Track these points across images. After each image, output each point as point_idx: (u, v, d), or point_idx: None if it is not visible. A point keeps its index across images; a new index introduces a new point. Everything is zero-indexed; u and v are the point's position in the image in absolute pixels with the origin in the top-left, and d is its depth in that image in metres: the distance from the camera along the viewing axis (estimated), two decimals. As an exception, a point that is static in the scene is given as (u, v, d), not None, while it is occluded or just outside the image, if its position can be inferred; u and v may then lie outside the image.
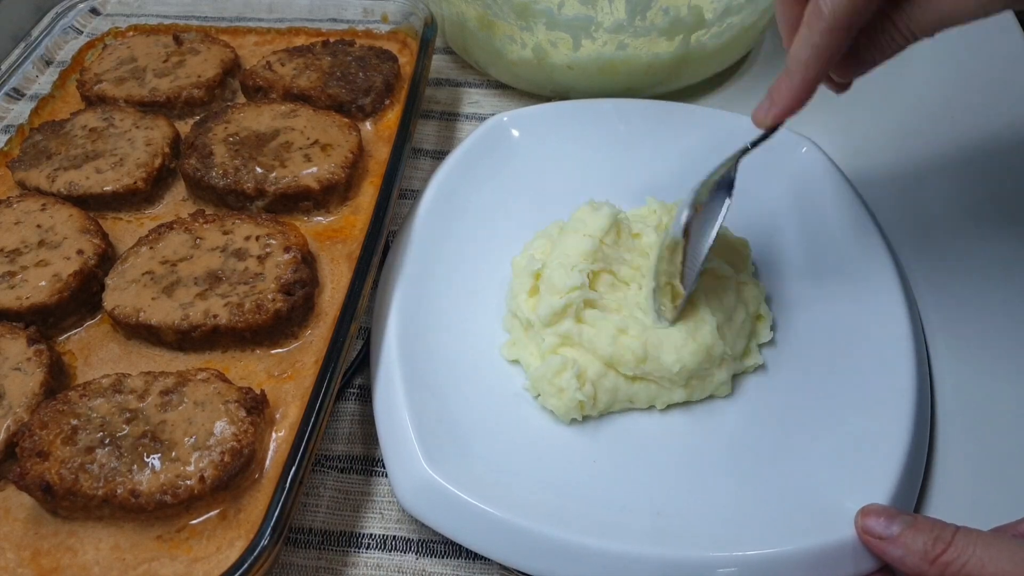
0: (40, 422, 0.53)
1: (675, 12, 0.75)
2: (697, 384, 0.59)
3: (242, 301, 0.59)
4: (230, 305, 0.59)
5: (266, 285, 0.60)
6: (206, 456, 0.51)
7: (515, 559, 0.51)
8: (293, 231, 0.64)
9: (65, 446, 0.51)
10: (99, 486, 0.50)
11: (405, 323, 0.62)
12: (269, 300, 0.59)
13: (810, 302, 0.65)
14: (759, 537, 0.51)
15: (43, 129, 0.75)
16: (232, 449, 0.51)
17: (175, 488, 0.50)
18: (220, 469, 0.50)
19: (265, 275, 0.61)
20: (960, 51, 0.89)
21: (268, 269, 0.61)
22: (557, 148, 0.76)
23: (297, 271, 0.61)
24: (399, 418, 0.56)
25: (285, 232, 0.64)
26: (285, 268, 0.61)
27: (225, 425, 0.52)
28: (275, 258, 0.62)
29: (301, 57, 0.80)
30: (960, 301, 0.68)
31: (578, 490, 0.55)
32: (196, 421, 0.52)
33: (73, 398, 0.54)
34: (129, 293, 0.60)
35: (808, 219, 0.70)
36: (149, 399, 0.54)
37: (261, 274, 0.61)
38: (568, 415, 0.58)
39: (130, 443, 0.52)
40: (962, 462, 0.58)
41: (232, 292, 0.60)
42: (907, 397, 0.56)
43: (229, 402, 0.53)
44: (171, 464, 0.51)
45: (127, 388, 0.55)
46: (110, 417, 0.53)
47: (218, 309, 0.59)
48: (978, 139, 0.81)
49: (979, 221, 0.74)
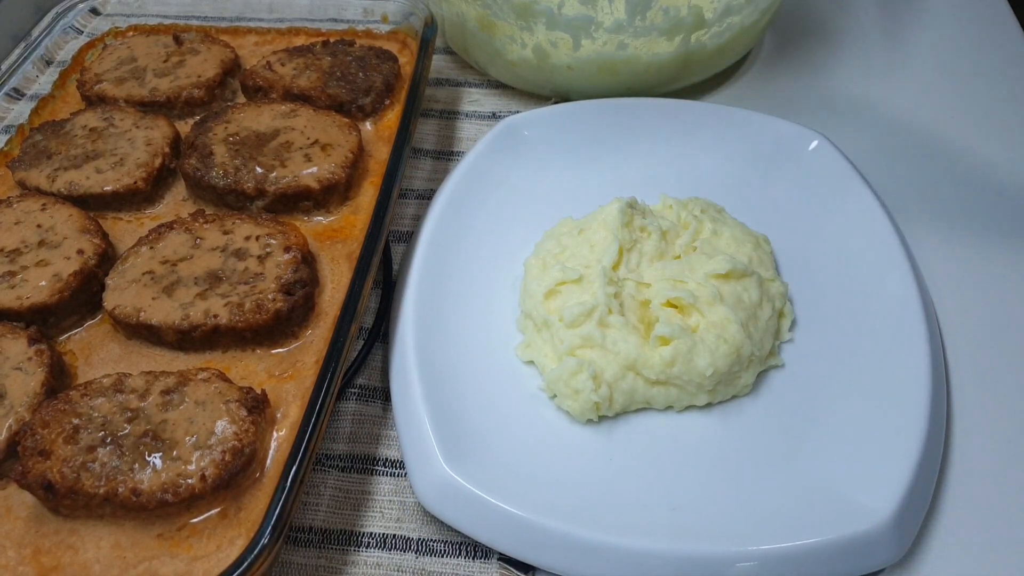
0: (42, 421, 0.53)
1: (675, 12, 0.76)
2: (722, 389, 0.59)
3: (242, 301, 0.59)
4: (230, 305, 0.59)
5: (266, 285, 0.60)
6: (207, 455, 0.51)
7: (534, 556, 0.52)
8: (293, 231, 0.64)
9: (67, 445, 0.51)
10: (100, 485, 0.50)
11: (421, 324, 0.62)
12: (269, 300, 0.59)
13: (825, 298, 0.65)
14: (775, 532, 0.51)
15: (43, 129, 0.75)
16: (233, 448, 0.51)
17: (176, 487, 0.50)
18: (221, 468, 0.51)
19: (265, 275, 0.61)
20: (970, 44, 0.89)
21: (268, 269, 0.61)
22: (569, 148, 0.76)
23: (297, 271, 0.61)
24: (418, 418, 0.56)
25: (285, 232, 0.64)
26: (285, 268, 0.61)
27: (226, 424, 0.52)
28: (275, 258, 0.62)
29: (301, 57, 0.80)
30: (977, 298, 0.68)
31: (595, 487, 0.55)
32: (197, 420, 0.53)
33: (74, 397, 0.54)
34: (129, 293, 0.60)
35: (822, 215, 0.70)
36: (150, 399, 0.54)
37: (261, 274, 0.61)
38: (584, 416, 0.58)
39: (131, 442, 0.52)
40: (978, 458, 0.58)
41: (232, 292, 0.60)
42: (923, 393, 0.56)
43: (230, 401, 0.53)
44: (172, 463, 0.51)
45: (128, 388, 0.55)
46: (111, 416, 0.53)
47: (218, 309, 0.59)
48: (994, 134, 0.81)
49: (996, 217, 0.74)
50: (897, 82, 0.86)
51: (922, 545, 0.55)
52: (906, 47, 0.89)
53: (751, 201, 0.72)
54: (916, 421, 0.55)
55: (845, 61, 0.90)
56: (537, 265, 0.66)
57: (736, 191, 0.73)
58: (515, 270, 0.68)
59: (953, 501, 0.56)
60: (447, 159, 0.82)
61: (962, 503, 0.56)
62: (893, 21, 0.94)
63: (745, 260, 0.64)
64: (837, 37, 0.93)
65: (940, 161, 0.79)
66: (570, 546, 0.51)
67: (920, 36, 0.91)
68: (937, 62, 0.88)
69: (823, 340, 0.63)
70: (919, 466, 0.53)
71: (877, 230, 0.66)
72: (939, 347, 0.61)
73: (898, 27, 0.93)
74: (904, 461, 0.53)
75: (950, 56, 0.89)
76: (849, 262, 0.66)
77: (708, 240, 0.65)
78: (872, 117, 0.83)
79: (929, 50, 0.90)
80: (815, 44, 0.92)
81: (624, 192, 0.69)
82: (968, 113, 0.83)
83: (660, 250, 0.64)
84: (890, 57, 0.89)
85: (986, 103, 0.84)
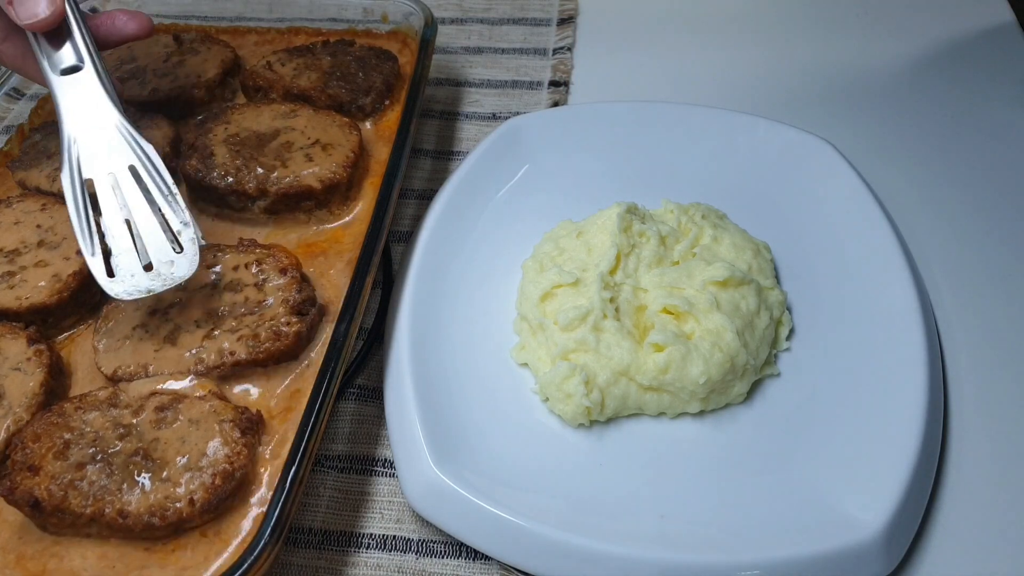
0: (33, 434, 0.52)
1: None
2: (715, 397, 0.59)
3: (256, 331, 0.57)
4: (244, 338, 0.57)
5: (275, 310, 0.59)
6: (197, 478, 0.50)
7: (520, 560, 0.51)
8: (282, 251, 0.63)
9: (56, 461, 0.51)
10: (87, 504, 0.49)
11: (417, 324, 0.62)
12: (284, 324, 0.58)
13: (824, 308, 0.64)
14: (763, 542, 0.51)
15: (43, 129, 0.75)
16: (224, 471, 0.50)
17: (164, 510, 0.49)
18: (211, 492, 0.50)
19: (271, 300, 0.59)
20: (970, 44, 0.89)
21: (271, 293, 0.60)
22: (570, 151, 0.76)
23: (302, 290, 0.60)
24: (409, 419, 0.56)
25: (275, 254, 0.62)
26: (289, 289, 0.60)
27: (218, 446, 0.51)
28: (273, 282, 0.60)
29: (301, 57, 0.80)
30: (980, 306, 0.67)
31: (584, 492, 0.55)
32: (189, 440, 0.52)
33: (68, 410, 0.53)
34: (126, 352, 0.58)
35: (824, 223, 0.69)
36: (144, 415, 0.53)
37: (264, 301, 0.59)
38: (575, 420, 0.58)
39: (122, 460, 0.51)
40: (974, 473, 0.58)
41: (241, 325, 0.58)
42: (918, 407, 0.55)
43: (224, 421, 0.52)
44: (161, 484, 0.50)
45: (122, 402, 0.54)
46: (103, 432, 0.52)
47: (234, 345, 0.57)
48: (996, 138, 0.80)
49: (1000, 223, 0.73)
50: (897, 82, 0.86)
51: (913, 559, 0.54)
52: (906, 47, 0.89)
53: (753, 207, 0.71)
54: (910, 435, 0.54)
55: (846, 61, 0.90)
56: (534, 267, 0.65)
57: (738, 196, 0.72)
58: (513, 272, 0.68)
59: (946, 515, 0.56)
60: (447, 159, 0.82)
61: (956, 518, 0.56)
62: (893, 21, 0.93)
63: (744, 267, 0.63)
64: (837, 37, 0.93)
65: (941, 162, 0.78)
66: (555, 551, 0.50)
67: (920, 36, 0.91)
68: (938, 62, 0.88)
69: (820, 350, 0.62)
70: (912, 479, 0.52)
71: (880, 240, 0.66)
72: (938, 361, 0.60)
73: (898, 27, 0.93)
74: (897, 474, 0.52)
75: (950, 56, 0.89)
76: (850, 272, 0.65)
77: (708, 246, 0.65)
78: (873, 118, 0.83)
79: (929, 50, 0.90)
80: (815, 44, 0.92)
81: (625, 195, 0.69)
82: (968, 113, 0.83)
83: (659, 255, 0.64)
84: (891, 57, 0.89)
85: (987, 103, 0.83)
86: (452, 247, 0.68)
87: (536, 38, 0.94)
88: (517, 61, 0.92)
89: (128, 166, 0.56)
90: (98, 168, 0.56)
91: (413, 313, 0.62)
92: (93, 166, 0.56)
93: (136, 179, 0.56)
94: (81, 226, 0.55)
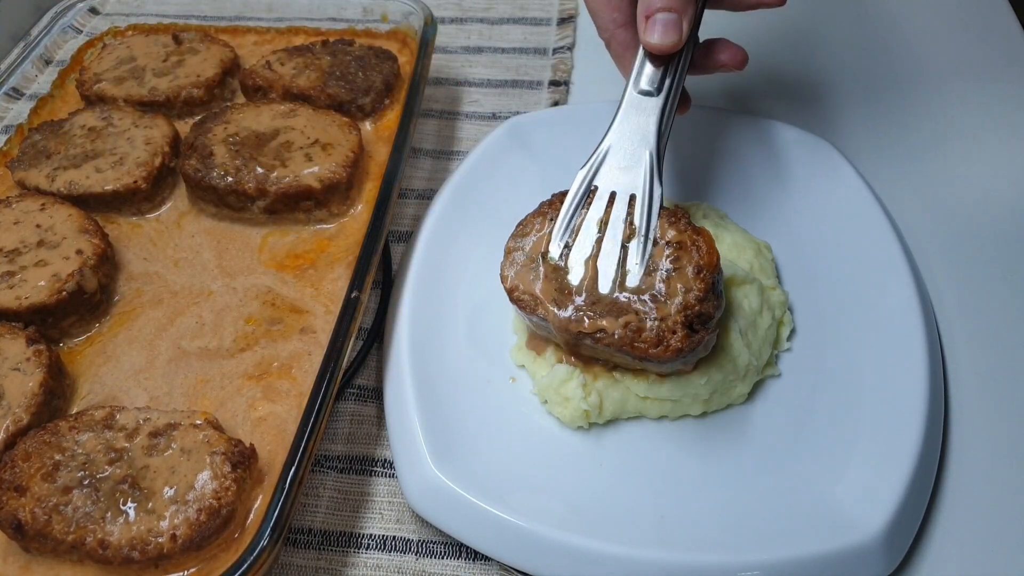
0: (24, 453, 0.52)
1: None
2: (717, 398, 0.59)
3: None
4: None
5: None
6: (182, 512, 0.49)
7: (519, 560, 0.51)
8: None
9: (44, 482, 0.50)
10: (70, 531, 0.48)
11: (416, 324, 0.62)
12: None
13: (826, 308, 0.64)
14: (763, 543, 0.51)
15: (42, 129, 0.74)
16: (209, 507, 0.49)
17: (144, 544, 0.48)
18: (193, 528, 0.49)
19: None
20: (970, 44, 0.89)
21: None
22: (571, 151, 0.76)
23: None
24: (408, 419, 0.56)
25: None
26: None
27: (207, 479, 0.50)
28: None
29: (301, 57, 0.80)
30: (980, 306, 0.67)
31: (583, 493, 0.55)
32: (179, 470, 0.51)
33: (63, 429, 0.53)
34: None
35: (824, 221, 0.69)
36: (137, 439, 0.52)
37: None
38: (573, 423, 0.58)
39: (109, 487, 0.50)
40: (974, 474, 0.58)
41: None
42: (919, 409, 0.55)
43: (216, 453, 0.51)
44: (146, 516, 0.49)
45: (117, 424, 0.53)
46: (95, 455, 0.52)
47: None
48: (996, 137, 0.80)
49: (1000, 223, 0.73)
50: (898, 82, 0.86)
51: (913, 559, 0.54)
52: (907, 47, 0.89)
53: (754, 207, 0.71)
54: (911, 437, 0.54)
55: (846, 61, 0.90)
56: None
57: (739, 196, 0.72)
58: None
59: (946, 516, 0.56)
60: (447, 159, 0.82)
61: (956, 518, 0.56)
62: (894, 21, 0.93)
63: (746, 267, 0.63)
64: (838, 37, 0.93)
65: (941, 162, 0.78)
66: (554, 551, 0.50)
67: (921, 36, 0.91)
68: (938, 62, 0.88)
69: (821, 351, 0.62)
70: (912, 480, 0.52)
71: (880, 240, 0.65)
72: (939, 361, 0.60)
73: (898, 27, 0.92)
74: (897, 475, 0.52)
75: (950, 56, 0.88)
76: (851, 273, 0.65)
77: (709, 246, 0.65)
78: (873, 118, 0.83)
79: (929, 50, 0.90)
80: (815, 44, 0.92)
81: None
82: (969, 114, 0.83)
83: None
84: (891, 57, 0.89)
85: (986, 103, 0.83)
86: (452, 247, 0.68)
87: (536, 38, 0.94)
88: (517, 61, 0.91)
89: (630, 194, 0.57)
90: (607, 180, 0.58)
91: (413, 313, 0.62)
92: (605, 177, 0.59)
93: (629, 208, 0.57)
94: (563, 223, 0.57)
